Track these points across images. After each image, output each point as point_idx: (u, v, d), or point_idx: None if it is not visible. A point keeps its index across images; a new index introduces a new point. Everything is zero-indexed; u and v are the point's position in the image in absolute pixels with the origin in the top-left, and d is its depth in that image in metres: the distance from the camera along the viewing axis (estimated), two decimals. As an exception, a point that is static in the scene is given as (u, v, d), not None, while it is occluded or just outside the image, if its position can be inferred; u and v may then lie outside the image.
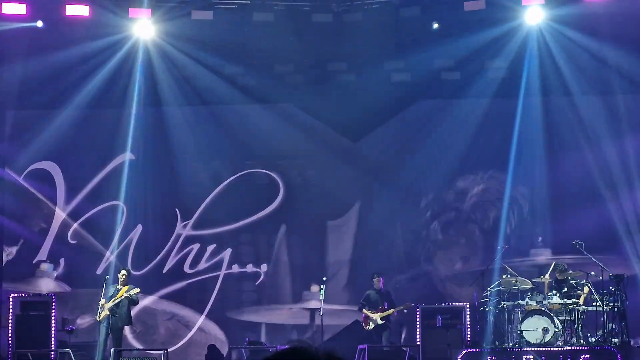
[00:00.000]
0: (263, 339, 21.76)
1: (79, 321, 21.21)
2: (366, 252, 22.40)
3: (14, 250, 22.28)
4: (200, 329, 22.32)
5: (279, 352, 4.23)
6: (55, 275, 22.30)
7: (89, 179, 22.54)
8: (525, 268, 21.16)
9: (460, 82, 22.01)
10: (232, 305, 22.43)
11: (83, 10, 20.77)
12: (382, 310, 19.62)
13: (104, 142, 22.40)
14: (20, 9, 20.80)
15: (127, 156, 22.43)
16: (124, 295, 18.71)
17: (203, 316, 22.31)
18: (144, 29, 21.33)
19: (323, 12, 21.44)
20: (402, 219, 22.53)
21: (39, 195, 22.43)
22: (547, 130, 21.87)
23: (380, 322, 19.56)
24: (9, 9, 20.76)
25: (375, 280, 20.02)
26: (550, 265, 19.25)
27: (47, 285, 22.24)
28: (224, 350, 21.10)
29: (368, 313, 19.68)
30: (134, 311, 19.61)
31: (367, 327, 19.74)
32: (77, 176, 22.56)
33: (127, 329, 20.66)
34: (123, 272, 19.24)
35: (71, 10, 20.80)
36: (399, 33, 21.60)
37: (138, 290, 19.00)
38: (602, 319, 18.13)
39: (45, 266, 22.28)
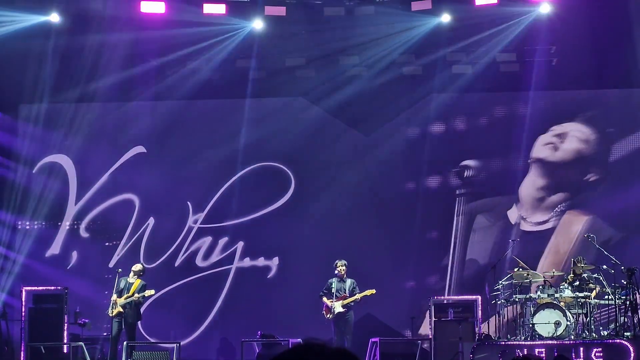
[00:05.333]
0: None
1: (105, 301, 21.31)
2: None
3: None
4: (219, 312, 22.29)
5: (292, 349, 4.15)
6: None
7: (102, 172, 22.61)
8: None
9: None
10: (251, 287, 22.32)
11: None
12: (344, 298, 19.03)
13: (117, 135, 22.47)
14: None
15: (139, 149, 22.51)
16: (137, 295, 18.83)
17: (220, 301, 22.32)
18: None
19: (335, 5, 21.39)
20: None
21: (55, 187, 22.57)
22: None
23: (341, 309, 18.98)
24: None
25: (340, 266, 19.30)
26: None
27: None
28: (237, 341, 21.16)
29: (328, 301, 19.05)
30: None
31: (328, 316, 19.14)
32: (90, 169, 22.63)
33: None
34: (138, 266, 19.37)
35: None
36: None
37: (153, 292, 19.24)
38: (614, 312, 18.12)
39: None
